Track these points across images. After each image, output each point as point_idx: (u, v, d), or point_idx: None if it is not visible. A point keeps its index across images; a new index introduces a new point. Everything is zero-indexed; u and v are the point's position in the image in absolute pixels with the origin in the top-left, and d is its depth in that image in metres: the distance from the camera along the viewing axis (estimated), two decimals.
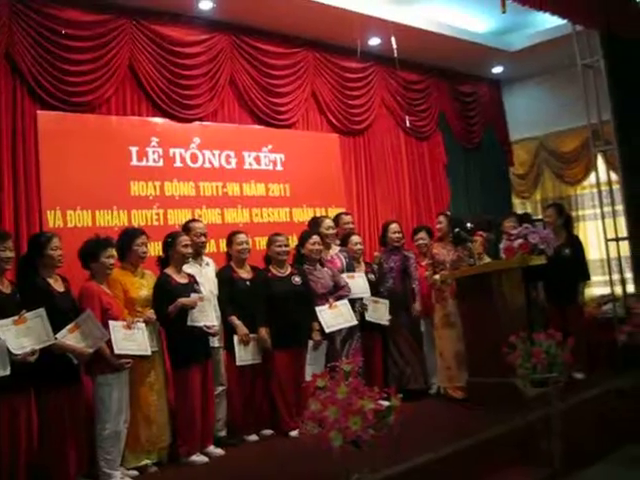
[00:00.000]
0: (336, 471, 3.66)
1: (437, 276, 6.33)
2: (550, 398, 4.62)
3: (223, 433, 5.52)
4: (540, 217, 9.73)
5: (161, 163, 6.59)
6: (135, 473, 4.77)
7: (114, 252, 4.88)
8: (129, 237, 5.07)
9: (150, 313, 4.95)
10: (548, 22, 8.38)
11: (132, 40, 6.61)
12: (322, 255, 6.09)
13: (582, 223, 10.25)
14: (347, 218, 6.86)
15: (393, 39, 7.38)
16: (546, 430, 4.63)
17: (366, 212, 8.37)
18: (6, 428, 4.15)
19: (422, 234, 6.88)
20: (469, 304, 6.05)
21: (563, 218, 6.87)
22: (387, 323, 6.34)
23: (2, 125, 5.80)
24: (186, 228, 5.66)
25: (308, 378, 5.29)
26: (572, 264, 6.54)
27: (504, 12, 6.57)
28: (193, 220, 5.95)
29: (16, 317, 4.17)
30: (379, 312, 6.33)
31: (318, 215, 7.07)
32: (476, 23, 8.65)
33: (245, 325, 5.47)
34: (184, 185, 6.70)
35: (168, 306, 4.96)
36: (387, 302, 6.37)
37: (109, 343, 4.58)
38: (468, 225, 6.36)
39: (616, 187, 7.66)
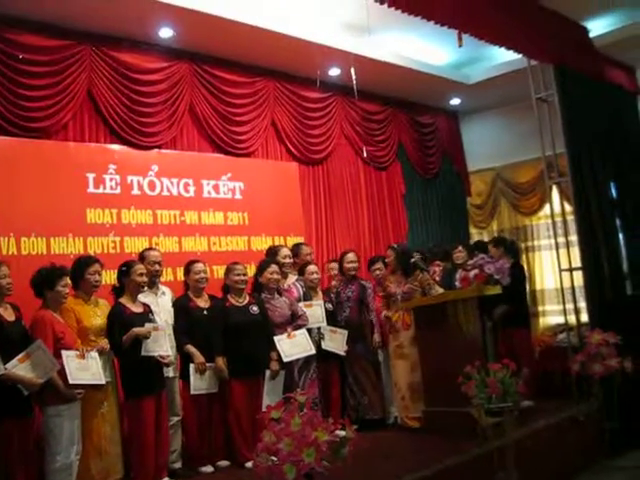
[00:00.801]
0: None
1: (386, 312, 6.40)
2: (505, 427, 4.66)
3: (178, 465, 5.42)
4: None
5: (118, 190, 6.53)
6: None
7: (69, 281, 4.81)
8: (82, 265, 5.00)
9: (104, 342, 4.88)
10: (504, 56, 8.55)
11: (91, 66, 6.59)
12: (279, 284, 6.07)
13: (537, 253, 10.43)
14: (307, 249, 6.86)
15: (352, 70, 7.45)
16: (502, 459, 4.66)
17: (325, 241, 8.40)
18: None
19: (378, 264, 6.92)
20: (425, 333, 6.08)
21: (501, 249, 7.02)
22: (344, 353, 6.33)
23: None
24: (141, 256, 5.62)
25: (265, 408, 5.25)
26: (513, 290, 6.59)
27: (460, 46, 6.69)
28: (149, 248, 5.91)
29: None
30: (336, 342, 6.32)
31: (277, 244, 7.07)
32: (435, 55, 8.80)
33: (202, 355, 5.42)
34: (141, 213, 6.64)
35: (122, 336, 4.89)
36: (345, 332, 6.36)
37: (61, 373, 4.50)
38: (416, 256, 6.42)
39: (570, 218, 7.81)
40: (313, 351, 5.92)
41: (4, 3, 5.89)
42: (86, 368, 4.64)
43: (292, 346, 5.76)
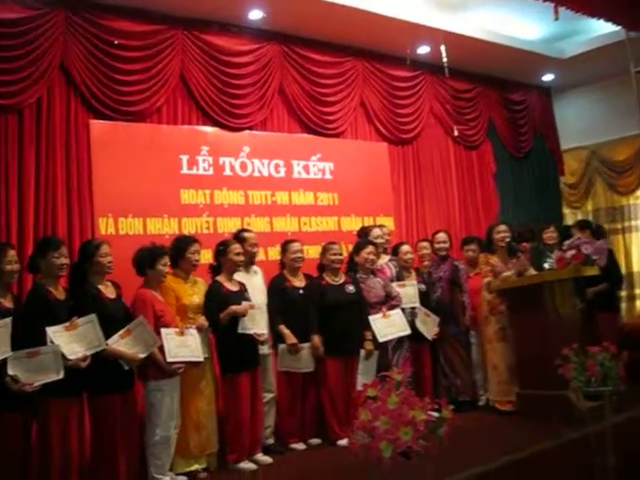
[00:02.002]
0: None
1: (487, 294, 6.26)
2: (604, 412, 4.53)
3: (271, 441, 5.53)
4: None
5: (211, 172, 6.64)
6: (184, 478, 4.81)
7: (168, 260, 4.94)
8: (183, 245, 5.12)
9: (202, 320, 4.99)
10: (601, 28, 8.26)
11: (183, 50, 6.69)
12: (374, 265, 6.07)
13: (635, 234, 10.04)
14: (385, 230, 6.77)
15: (443, 47, 7.34)
16: (600, 445, 4.53)
17: (414, 221, 8.31)
18: (59, 432, 4.20)
19: (473, 245, 6.80)
20: (520, 316, 5.97)
21: (587, 233, 6.78)
22: (431, 338, 6.28)
23: (56, 133, 5.91)
24: (239, 237, 5.68)
25: (359, 387, 5.28)
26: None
27: (556, 19, 6.51)
28: (246, 230, 5.97)
29: (67, 323, 4.23)
30: (427, 326, 6.28)
31: (368, 225, 7.06)
32: (527, 30, 8.56)
33: (297, 334, 5.48)
34: (233, 194, 6.74)
35: (219, 313, 5.00)
36: (437, 319, 6.32)
37: (161, 349, 4.62)
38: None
39: None
40: (408, 331, 5.92)
41: None
42: (185, 345, 4.75)
43: (387, 326, 5.77)
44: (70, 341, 4.19)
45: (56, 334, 4.17)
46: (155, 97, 6.46)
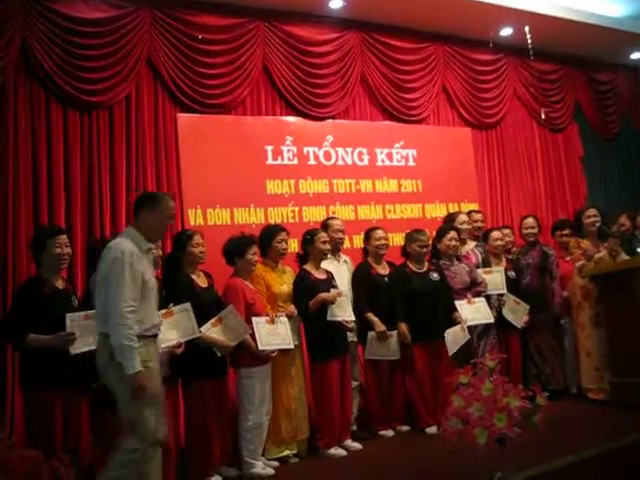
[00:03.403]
0: (476, 469, 3.63)
1: (581, 262, 6.10)
2: None
3: (354, 427, 5.56)
4: None
5: (295, 161, 6.72)
6: (276, 464, 4.88)
7: (257, 249, 5.02)
8: (270, 234, 5.19)
9: (292, 308, 5.06)
10: None
11: (265, 41, 6.78)
12: (458, 251, 6.02)
13: None
14: (478, 216, 6.72)
15: (526, 28, 7.21)
16: None
17: (499, 207, 8.18)
18: None
19: (566, 230, 6.63)
20: (613, 302, 5.80)
21: None
22: (520, 326, 6.18)
23: (145, 128, 6.11)
24: (324, 225, 5.74)
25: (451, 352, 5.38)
26: None
27: None
28: (330, 217, 6.04)
29: (164, 311, 4.36)
30: (517, 314, 6.16)
31: (451, 210, 7.01)
32: (612, 7, 8.30)
33: (383, 321, 5.48)
34: (318, 183, 6.81)
35: (309, 301, 5.05)
36: (527, 307, 6.19)
37: (253, 336, 4.71)
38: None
39: None
40: (491, 319, 5.84)
41: None
42: (276, 333, 4.82)
43: (472, 312, 5.73)
44: (166, 328, 4.31)
45: None
46: (239, 89, 6.58)
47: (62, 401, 4.09)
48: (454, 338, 5.53)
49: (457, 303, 5.65)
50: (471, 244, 6.34)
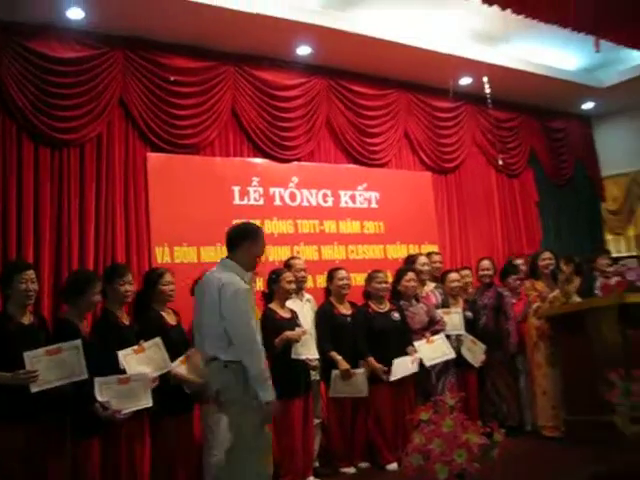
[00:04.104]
0: None
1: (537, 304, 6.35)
2: None
3: (316, 464, 5.65)
4: (634, 254, 9.63)
5: (262, 202, 6.86)
6: None
7: None
8: None
9: None
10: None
11: (234, 85, 6.95)
12: (417, 291, 6.21)
13: None
14: (437, 257, 6.96)
15: (485, 79, 7.52)
16: None
17: (458, 248, 8.40)
18: (126, 454, 4.42)
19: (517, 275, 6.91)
20: (566, 342, 6.04)
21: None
22: (477, 365, 6.38)
23: (116, 166, 6.20)
24: (287, 264, 5.91)
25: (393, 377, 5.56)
26: None
27: (597, 52, 6.63)
28: (293, 257, 6.22)
29: (135, 347, 4.46)
30: (474, 353, 6.37)
31: (412, 252, 7.22)
32: (566, 60, 8.69)
33: (347, 360, 5.62)
34: (283, 223, 6.95)
35: (274, 339, 5.17)
36: (484, 347, 6.41)
37: None
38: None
39: None
40: (453, 355, 6.02)
41: (157, 30, 6.35)
42: None
43: (432, 351, 5.89)
44: (139, 363, 4.42)
45: (127, 357, 4.42)
46: (208, 130, 6.72)
47: (24, 437, 4.03)
48: (401, 367, 5.70)
49: (416, 344, 5.82)
50: (431, 285, 6.54)
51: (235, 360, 3.84)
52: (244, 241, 4.10)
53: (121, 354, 4.38)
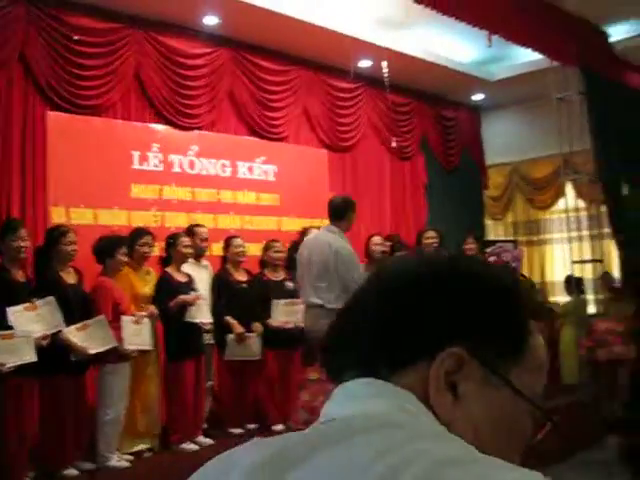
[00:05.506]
0: None
1: None
2: None
3: (205, 425, 5.83)
4: (511, 238, 10.29)
5: (161, 168, 6.91)
6: (130, 457, 5.08)
7: (127, 250, 5.21)
8: (136, 237, 5.41)
9: (152, 308, 5.28)
10: (528, 55, 8.88)
11: (140, 49, 6.95)
12: None
13: (549, 246, 10.80)
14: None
15: (384, 63, 7.81)
16: None
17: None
18: (13, 411, 4.45)
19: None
20: None
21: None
22: None
23: (13, 123, 6.10)
24: (190, 231, 6.01)
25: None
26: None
27: (490, 46, 7.07)
28: (197, 225, 6.29)
29: (28, 304, 4.49)
30: None
31: (305, 225, 7.45)
32: (461, 52, 9.12)
33: (241, 324, 5.82)
34: (181, 190, 7.03)
35: (169, 302, 5.31)
36: None
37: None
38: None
39: (583, 214, 8.20)
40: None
41: None
42: (139, 334, 5.05)
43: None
44: (30, 321, 4.45)
45: (16, 314, 4.43)
46: (111, 93, 6.71)
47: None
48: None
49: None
50: None
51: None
52: (349, 211, 5.08)
53: (10, 311, 4.39)
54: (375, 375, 0.74)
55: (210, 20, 7.21)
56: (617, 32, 8.53)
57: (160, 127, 7.08)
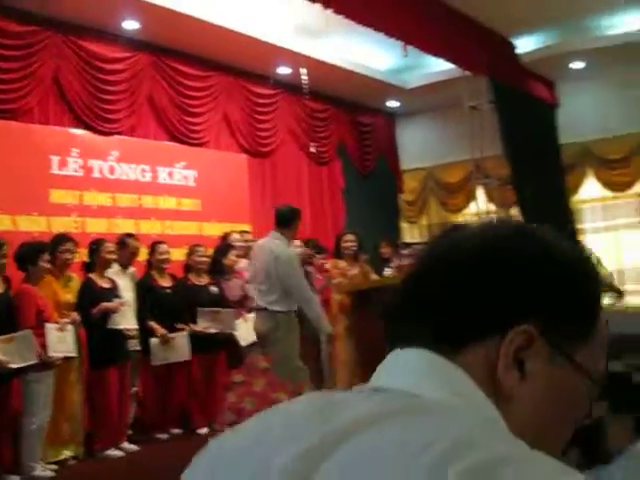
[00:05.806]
0: None
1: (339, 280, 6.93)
2: None
3: (129, 431, 5.83)
4: (426, 240, 10.60)
5: (81, 173, 6.84)
6: (54, 467, 5.04)
7: (49, 256, 5.17)
8: (57, 243, 5.37)
9: (75, 315, 5.26)
10: (441, 65, 9.20)
11: (59, 53, 6.87)
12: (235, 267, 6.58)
13: None
14: (248, 236, 7.29)
15: (303, 70, 7.98)
16: None
17: (270, 228, 8.79)
18: None
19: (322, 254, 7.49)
20: (361, 315, 6.64)
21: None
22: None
23: None
24: (123, 242, 6.04)
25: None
26: None
27: (406, 56, 7.34)
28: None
29: None
30: None
31: (226, 230, 7.53)
32: (377, 60, 9.37)
33: (166, 329, 5.86)
34: (102, 196, 6.98)
35: (92, 309, 5.31)
36: None
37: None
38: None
39: (494, 216, 8.56)
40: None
41: None
42: (63, 341, 5.03)
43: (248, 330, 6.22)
44: None
45: None
46: (28, 97, 6.61)
47: None
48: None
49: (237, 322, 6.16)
50: (244, 262, 6.90)
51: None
52: (295, 220, 5.49)
53: None
54: (436, 350, 0.69)
55: (130, 25, 7.20)
56: (523, 44, 8.96)
57: (80, 132, 7.02)
